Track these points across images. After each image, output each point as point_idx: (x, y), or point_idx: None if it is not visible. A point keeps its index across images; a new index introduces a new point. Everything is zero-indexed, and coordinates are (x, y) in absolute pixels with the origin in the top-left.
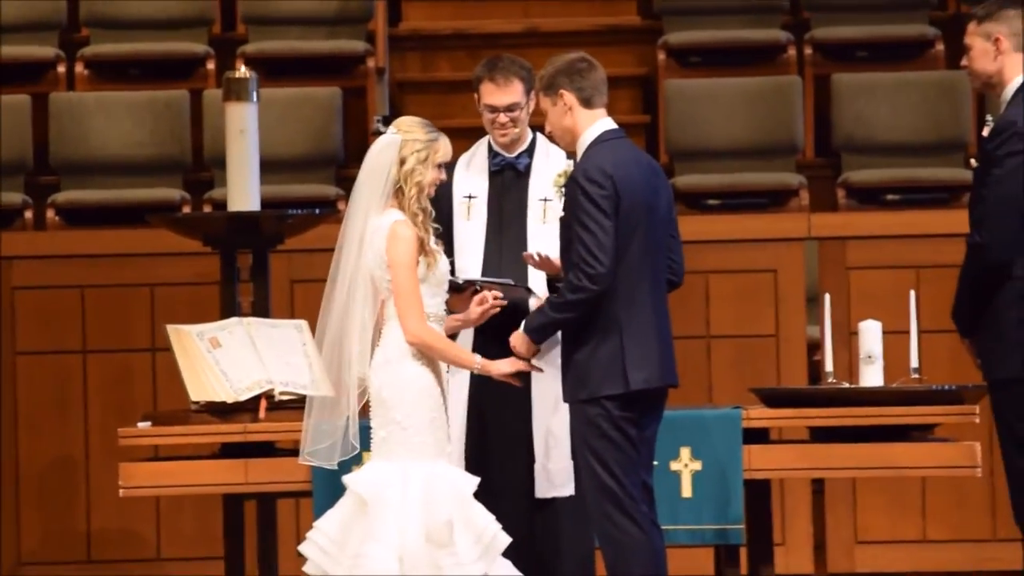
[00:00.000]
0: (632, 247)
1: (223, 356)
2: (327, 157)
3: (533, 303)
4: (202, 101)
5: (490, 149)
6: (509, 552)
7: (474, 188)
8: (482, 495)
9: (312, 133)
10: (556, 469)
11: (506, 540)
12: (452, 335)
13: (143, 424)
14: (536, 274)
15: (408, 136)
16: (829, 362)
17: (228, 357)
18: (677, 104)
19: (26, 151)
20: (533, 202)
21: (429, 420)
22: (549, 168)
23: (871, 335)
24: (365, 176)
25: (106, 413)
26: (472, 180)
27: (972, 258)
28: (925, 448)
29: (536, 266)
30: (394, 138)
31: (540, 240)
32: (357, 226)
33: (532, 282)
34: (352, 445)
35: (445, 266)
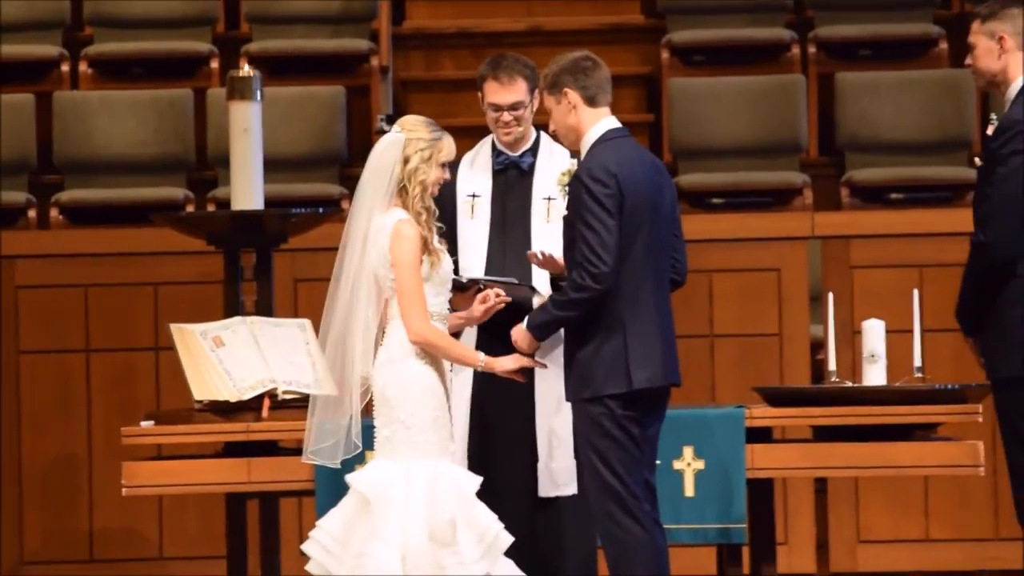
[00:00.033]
0: (636, 246)
1: (226, 355)
2: (331, 156)
3: (536, 302)
4: (206, 100)
5: (494, 148)
6: (512, 551)
7: (478, 187)
8: (485, 494)
9: (316, 132)
10: (559, 468)
11: (509, 539)
12: (455, 333)
13: (146, 423)
14: (540, 273)
15: (412, 135)
16: (832, 361)
17: (231, 356)
18: (681, 103)
19: (30, 150)
20: (537, 201)
21: (432, 419)
22: (553, 167)
23: (874, 334)
24: (369, 175)
25: (109, 412)
26: (476, 179)
27: (976, 257)
28: (928, 447)
29: (540, 265)
30: (398, 137)
31: (544, 239)
32: (361, 225)
33: (536, 281)
34: (355, 444)
35: (448, 265)
